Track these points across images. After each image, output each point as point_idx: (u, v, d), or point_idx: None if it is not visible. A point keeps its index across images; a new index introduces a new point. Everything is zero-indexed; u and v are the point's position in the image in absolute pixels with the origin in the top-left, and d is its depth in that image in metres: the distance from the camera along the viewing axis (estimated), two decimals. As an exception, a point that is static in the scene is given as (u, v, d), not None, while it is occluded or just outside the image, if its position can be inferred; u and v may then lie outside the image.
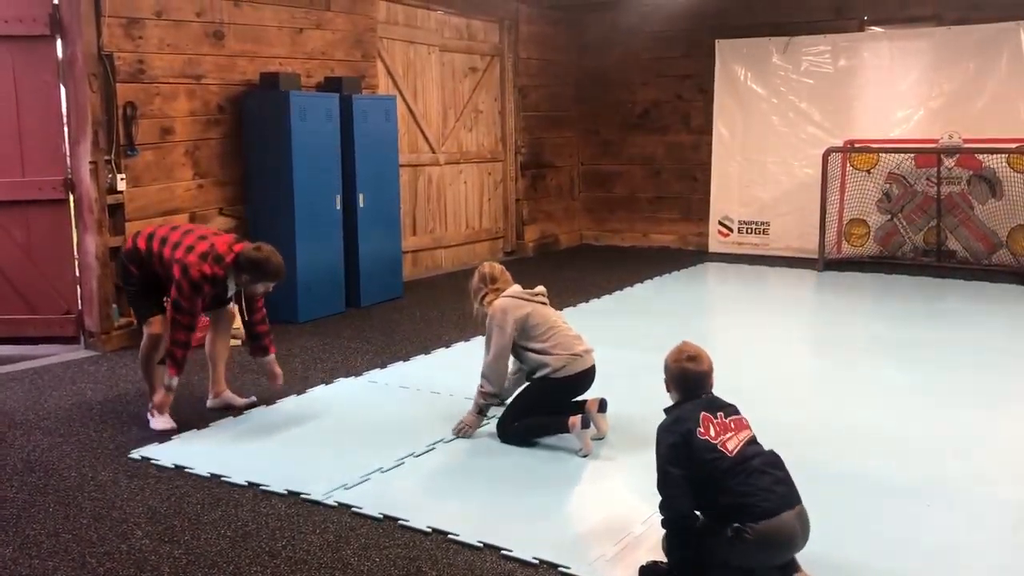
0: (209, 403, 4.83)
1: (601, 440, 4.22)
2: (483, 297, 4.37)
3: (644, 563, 3.04)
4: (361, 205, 7.28)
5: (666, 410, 3.06)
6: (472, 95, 9.61)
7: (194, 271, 4.30)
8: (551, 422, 4.15)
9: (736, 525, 2.79)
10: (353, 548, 3.23)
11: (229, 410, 4.76)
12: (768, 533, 2.78)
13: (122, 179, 6.11)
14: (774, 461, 2.95)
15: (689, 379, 3.03)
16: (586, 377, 4.24)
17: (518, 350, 4.21)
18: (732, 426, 2.97)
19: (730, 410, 3.03)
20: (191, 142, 6.62)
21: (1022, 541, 3.24)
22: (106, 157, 6.03)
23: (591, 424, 4.14)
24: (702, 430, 2.90)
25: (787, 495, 2.87)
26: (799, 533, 2.84)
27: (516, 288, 4.36)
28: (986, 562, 3.09)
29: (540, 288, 4.40)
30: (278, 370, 4.77)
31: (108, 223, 6.08)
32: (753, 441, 2.98)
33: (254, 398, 4.91)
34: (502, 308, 4.22)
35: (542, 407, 4.20)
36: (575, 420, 4.04)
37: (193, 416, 4.67)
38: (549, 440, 4.17)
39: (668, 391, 3.11)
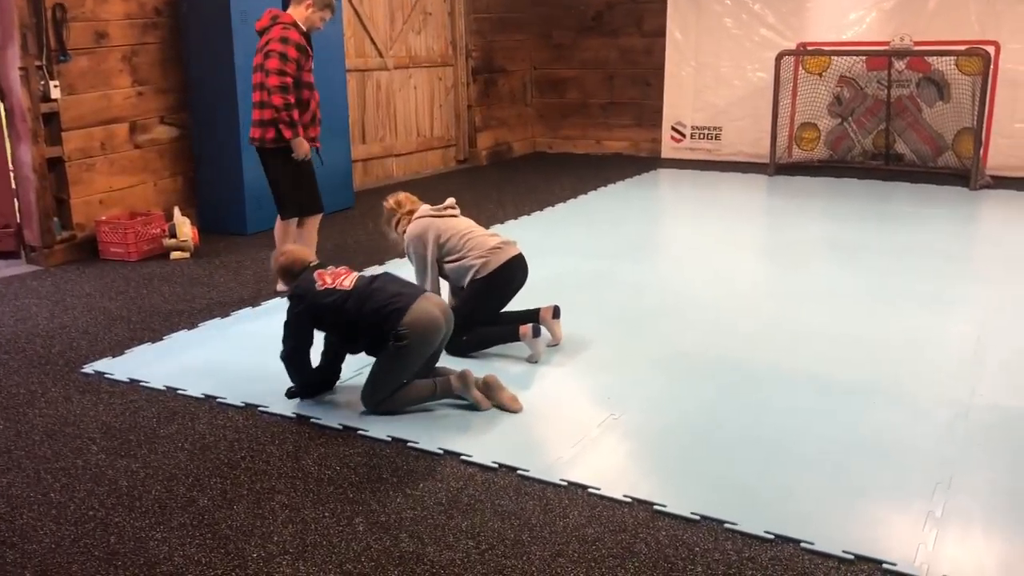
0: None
1: (556, 347, 4.26)
2: (398, 222, 4.36)
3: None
4: (308, 112, 7.07)
5: (290, 295, 3.65)
6: (420, -4, 9.30)
7: (276, 43, 4.76)
8: (502, 331, 4.16)
9: (392, 334, 3.37)
10: (313, 458, 3.25)
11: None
12: (415, 323, 3.40)
13: (56, 86, 5.84)
14: (390, 277, 3.61)
15: (295, 264, 3.76)
16: (514, 268, 4.21)
17: (441, 267, 4.23)
18: (343, 272, 3.61)
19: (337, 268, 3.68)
20: (128, 47, 6.33)
21: (960, 434, 3.37)
22: (37, 63, 5.75)
23: (542, 332, 4.17)
24: (319, 283, 3.53)
25: (412, 291, 3.54)
26: (439, 314, 3.50)
27: (425, 208, 4.35)
28: (925, 454, 3.23)
29: (450, 200, 4.41)
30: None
31: (43, 133, 5.83)
32: (365, 276, 3.61)
33: None
34: (414, 235, 4.24)
35: (482, 313, 4.19)
36: (526, 329, 4.06)
37: (146, 330, 4.61)
38: (502, 348, 4.20)
39: (282, 281, 3.80)
